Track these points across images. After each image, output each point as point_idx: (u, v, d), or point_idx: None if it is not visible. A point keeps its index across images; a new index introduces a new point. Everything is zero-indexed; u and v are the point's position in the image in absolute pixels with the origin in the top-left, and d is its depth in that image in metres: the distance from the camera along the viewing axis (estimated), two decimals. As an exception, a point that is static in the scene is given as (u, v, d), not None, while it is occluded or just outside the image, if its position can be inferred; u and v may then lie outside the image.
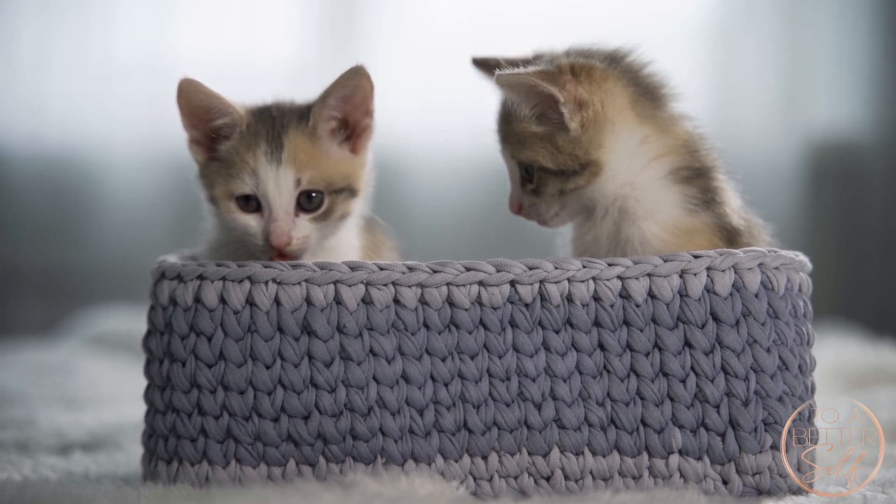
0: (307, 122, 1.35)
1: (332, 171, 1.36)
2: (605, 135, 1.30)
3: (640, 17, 3.44)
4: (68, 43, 3.41)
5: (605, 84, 1.30)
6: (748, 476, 1.26)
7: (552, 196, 1.32)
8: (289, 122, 1.35)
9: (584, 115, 1.29)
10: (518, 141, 1.33)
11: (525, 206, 1.35)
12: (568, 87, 1.28)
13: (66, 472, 1.46)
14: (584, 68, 1.30)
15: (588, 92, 1.29)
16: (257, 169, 1.33)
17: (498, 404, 1.26)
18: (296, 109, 1.38)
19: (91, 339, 2.73)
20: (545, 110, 1.30)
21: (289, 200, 1.33)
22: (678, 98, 1.37)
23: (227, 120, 1.36)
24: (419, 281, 1.26)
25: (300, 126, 1.35)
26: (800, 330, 1.29)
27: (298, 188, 1.33)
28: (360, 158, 1.40)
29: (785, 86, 3.50)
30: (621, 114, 1.31)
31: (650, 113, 1.33)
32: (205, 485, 1.25)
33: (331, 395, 1.25)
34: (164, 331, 1.28)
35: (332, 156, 1.37)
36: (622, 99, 1.31)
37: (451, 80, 3.28)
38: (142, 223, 3.41)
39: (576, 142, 1.30)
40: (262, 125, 1.35)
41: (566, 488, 1.26)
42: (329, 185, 1.35)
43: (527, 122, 1.32)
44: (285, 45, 3.46)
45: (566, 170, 1.30)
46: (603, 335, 1.26)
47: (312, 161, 1.34)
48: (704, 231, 1.31)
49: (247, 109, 1.37)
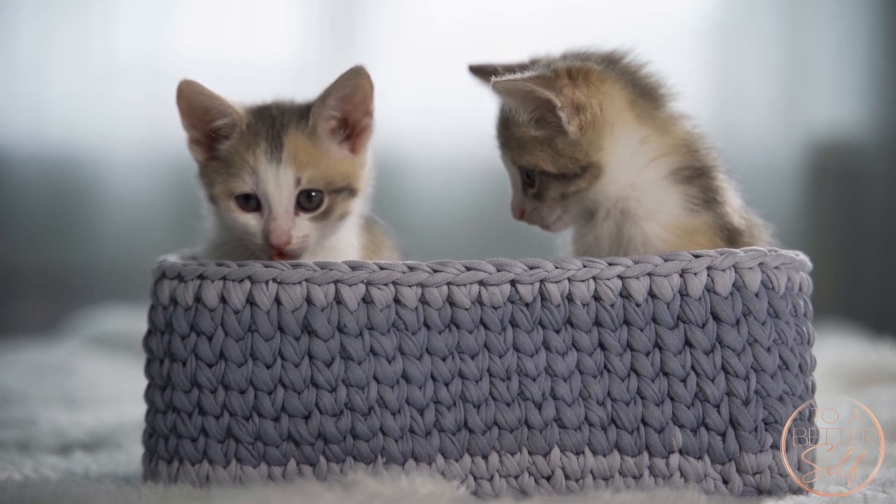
0: (307, 122, 1.35)
1: (331, 170, 1.36)
2: (604, 137, 1.30)
3: (640, 16, 3.44)
4: (68, 43, 3.41)
5: (603, 86, 1.30)
6: (748, 475, 1.26)
7: (554, 200, 1.32)
8: (289, 121, 1.35)
9: (582, 119, 1.29)
10: (518, 146, 1.32)
11: (527, 212, 1.35)
12: (565, 91, 1.28)
13: (67, 472, 1.46)
14: (580, 71, 1.30)
15: (585, 95, 1.29)
16: (257, 168, 1.33)
17: (498, 404, 1.26)
18: (296, 109, 1.38)
19: (91, 338, 2.73)
20: (544, 114, 1.30)
21: (288, 199, 1.33)
22: (676, 98, 1.36)
23: (226, 120, 1.36)
24: (420, 280, 1.26)
25: (300, 125, 1.35)
26: (800, 329, 1.29)
27: (298, 187, 1.33)
28: (359, 158, 1.40)
29: (785, 85, 3.50)
30: (620, 115, 1.31)
31: (649, 113, 1.33)
32: (205, 484, 1.25)
33: (331, 395, 1.25)
34: (164, 330, 1.28)
35: (331, 155, 1.37)
36: (620, 100, 1.31)
37: (451, 80, 3.27)
38: (142, 223, 3.42)
39: (575, 145, 1.29)
40: (262, 124, 1.35)
41: (567, 488, 1.26)
42: (329, 185, 1.35)
43: (526, 127, 1.31)
44: (285, 44, 3.46)
45: (567, 173, 1.30)
46: (603, 334, 1.26)
47: (312, 160, 1.34)
48: (706, 231, 1.31)
49: (246, 109, 1.38)
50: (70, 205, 3.45)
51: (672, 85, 1.37)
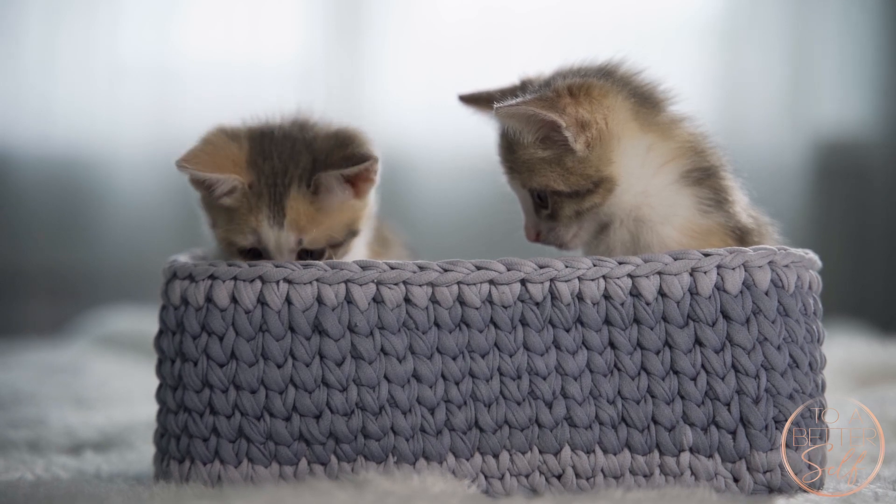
0: (308, 185, 1.33)
1: (334, 226, 1.35)
2: (612, 150, 1.29)
3: (645, 15, 3.44)
4: (74, 45, 3.41)
5: (605, 100, 1.29)
6: (759, 474, 1.26)
7: (569, 218, 1.31)
8: (290, 182, 1.33)
9: (588, 135, 1.28)
10: (527, 169, 1.31)
11: (543, 233, 1.34)
12: (568, 110, 1.27)
13: (78, 472, 1.46)
14: (581, 88, 1.29)
15: (589, 111, 1.28)
16: (259, 229, 1.32)
17: (509, 403, 1.26)
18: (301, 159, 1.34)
19: (100, 339, 2.73)
20: (549, 133, 1.29)
21: (290, 257, 1.33)
22: (674, 100, 1.36)
23: (227, 187, 1.34)
24: (430, 280, 1.26)
25: (301, 188, 1.33)
26: (810, 327, 1.29)
27: (300, 247, 1.34)
28: (362, 201, 1.38)
29: (791, 84, 3.50)
30: (625, 127, 1.30)
31: (651, 120, 1.32)
32: (217, 484, 1.26)
33: (342, 394, 1.25)
34: (175, 330, 1.28)
35: (333, 208, 1.35)
36: (623, 112, 1.30)
37: (459, 79, 3.28)
38: (149, 223, 3.42)
39: (585, 161, 1.29)
40: (265, 183, 1.33)
41: (577, 486, 1.26)
42: (331, 240, 1.35)
43: (533, 149, 1.30)
44: (291, 45, 3.46)
45: (580, 190, 1.29)
46: (613, 333, 1.26)
47: (314, 223, 1.33)
48: (718, 232, 1.31)
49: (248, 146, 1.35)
50: (77, 206, 3.45)
51: (668, 88, 1.36)
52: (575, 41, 3.32)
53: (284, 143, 1.36)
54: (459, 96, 1.42)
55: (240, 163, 1.34)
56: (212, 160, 1.33)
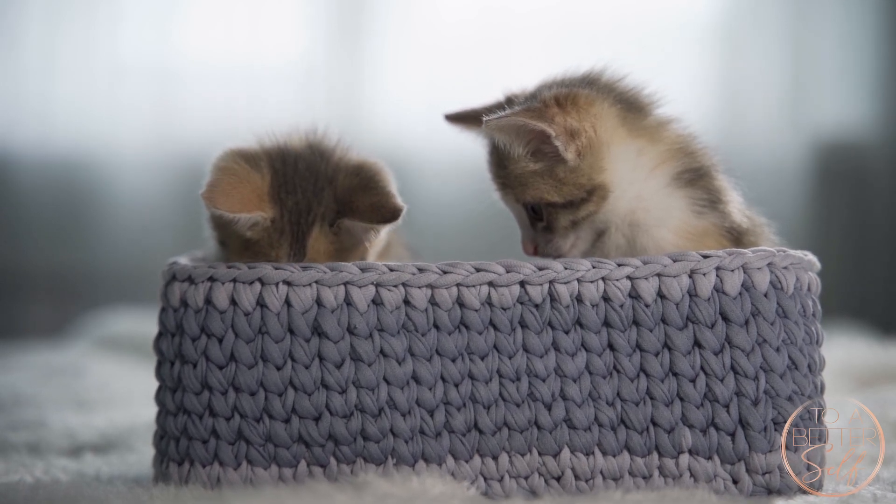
0: (329, 224, 1.33)
1: (348, 259, 1.34)
2: (603, 157, 1.29)
3: (645, 15, 3.44)
4: (74, 45, 3.42)
5: (592, 108, 1.29)
6: (758, 475, 1.26)
7: (566, 228, 1.31)
8: (314, 221, 1.32)
9: (578, 144, 1.28)
10: (519, 183, 1.31)
11: (541, 245, 1.34)
12: (556, 120, 1.27)
13: (78, 474, 1.46)
14: (568, 97, 1.29)
15: (577, 120, 1.28)
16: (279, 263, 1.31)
17: (508, 405, 1.26)
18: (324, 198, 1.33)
19: (100, 341, 2.74)
20: (539, 146, 1.29)
21: None
22: (660, 104, 1.36)
23: (251, 223, 1.31)
24: (429, 282, 1.26)
25: (323, 228, 1.33)
26: (809, 329, 1.29)
27: None
28: (378, 236, 1.38)
29: (791, 85, 3.50)
30: (614, 133, 1.30)
31: (639, 125, 1.32)
32: (216, 486, 1.26)
33: (341, 396, 1.25)
34: (175, 332, 1.28)
35: (351, 245, 1.35)
36: (611, 119, 1.30)
37: (459, 79, 3.29)
38: (150, 225, 3.42)
39: (577, 170, 1.29)
40: (288, 221, 1.31)
41: (577, 488, 1.26)
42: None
43: (524, 162, 1.30)
44: (292, 45, 3.46)
45: (574, 200, 1.29)
46: (613, 335, 1.26)
47: (330, 259, 1.33)
48: (713, 232, 1.31)
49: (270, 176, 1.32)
50: (78, 207, 3.46)
51: (652, 92, 1.36)
52: (575, 42, 3.33)
53: (307, 177, 1.34)
54: (445, 116, 1.41)
55: (263, 196, 1.31)
56: (237, 193, 1.29)
